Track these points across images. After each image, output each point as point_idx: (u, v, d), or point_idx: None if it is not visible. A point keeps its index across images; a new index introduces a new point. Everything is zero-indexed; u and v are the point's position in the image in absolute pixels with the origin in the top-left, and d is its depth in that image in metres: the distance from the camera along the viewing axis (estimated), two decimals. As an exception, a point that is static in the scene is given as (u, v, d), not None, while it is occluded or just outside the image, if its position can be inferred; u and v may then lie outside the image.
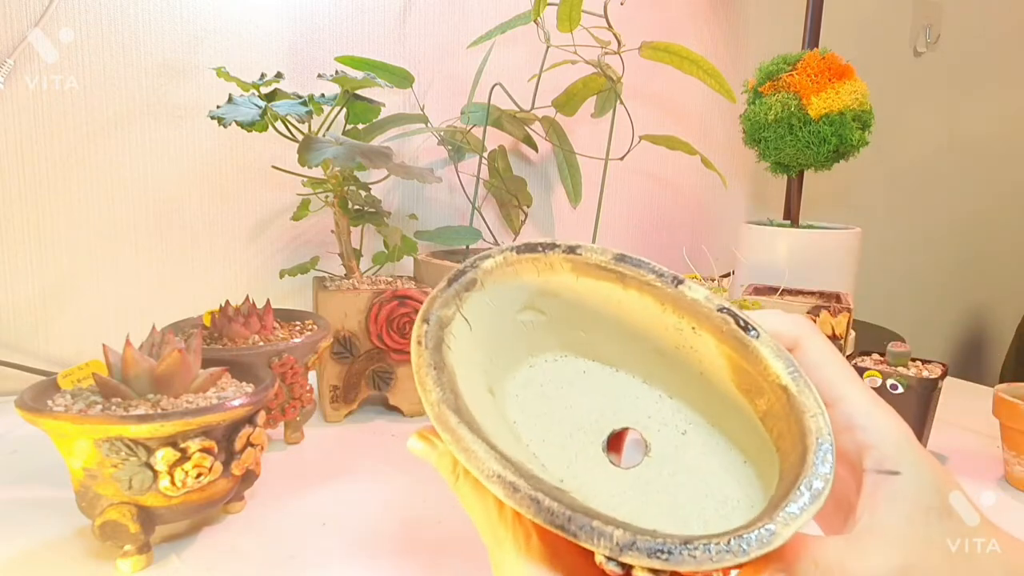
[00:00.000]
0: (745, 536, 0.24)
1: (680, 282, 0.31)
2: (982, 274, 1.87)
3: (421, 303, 0.74)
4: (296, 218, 0.80)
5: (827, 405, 0.28)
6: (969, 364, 1.91)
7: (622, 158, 0.90)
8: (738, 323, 0.30)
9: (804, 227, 1.02)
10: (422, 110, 0.89)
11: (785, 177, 1.05)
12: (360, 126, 0.79)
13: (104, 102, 0.81)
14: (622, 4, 0.88)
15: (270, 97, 0.68)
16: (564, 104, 0.93)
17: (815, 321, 0.76)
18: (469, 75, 0.90)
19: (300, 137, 0.66)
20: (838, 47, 0.98)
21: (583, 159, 1.02)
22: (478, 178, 0.88)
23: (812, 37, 1.18)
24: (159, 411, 0.46)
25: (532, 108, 0.92)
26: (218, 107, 0.65)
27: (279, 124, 0.67)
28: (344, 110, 0.74)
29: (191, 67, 0.85)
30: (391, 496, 0.58)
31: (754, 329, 0.30)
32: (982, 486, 0.65)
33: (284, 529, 0.53)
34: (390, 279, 0.80)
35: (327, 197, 0.75)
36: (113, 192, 0.83)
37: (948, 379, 0.71)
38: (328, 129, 0.72)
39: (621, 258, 0.31)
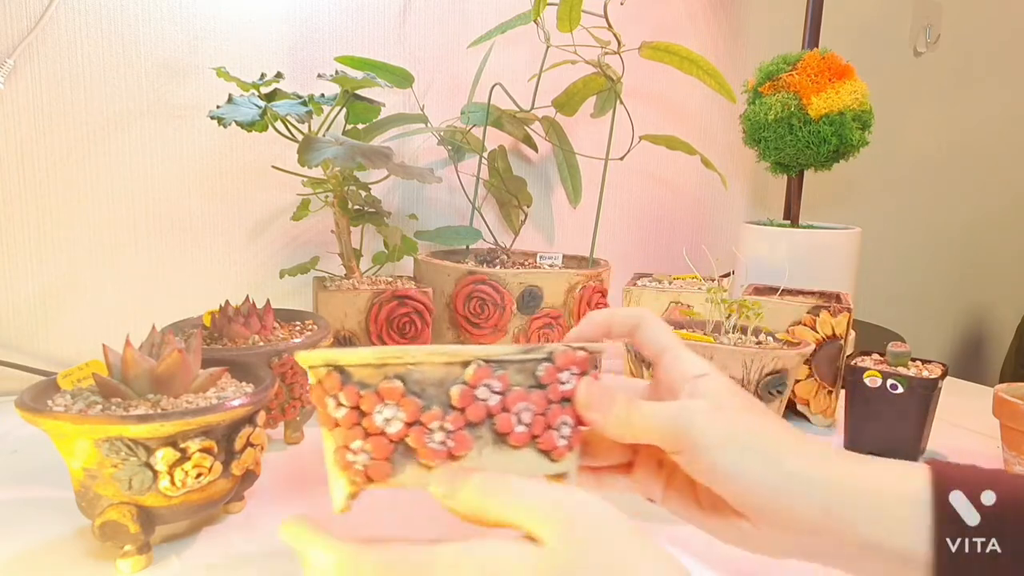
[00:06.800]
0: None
1: None
2: (982, 274, 1.87)
3: (421, 303, 0.75)
4: (296, 218, 0.80)
5: (659, 354, 0.40)
6: (969, 364, 1.91)
7: (622, 158, 0.90)
8: None
9: (804, 227, 1.02)
10: (422, 110, 0.89)
11: (785, 177, 1.05)
12: (360, 126, 0.79)
13: (104, 102, 0.81)
14: (622, 4, 0.88)
15: (270, 97, 0.68)
16: (564, 104, 0.93)
17: (815, 321, 0.76)
18: (469, 75, 0.90)
19: (300, 137, 0.66)
20: (838, 47, 0.98)
21: (583, 159, 1.02)
22: (478, 178, 0.88)
23: (812, 37, 1.18)
24: (159, 411, 0.46)
25: (532, 108, 0.92)
26: (218, 107, 0.65)
27: (279, 124, 0.67)
28: (344, 110, 0.74)
29: (191, 67, 0.85)
30: (390, 495, 0.58)
31: None
32: (982, 486, 0.65)
33: (284, 529, 0.53)
34: (390, 279, 0.80)
35: (327, 197, 0.75)
36: (113, 192, 0.83)
37: (948, 379, 0.71)
38: (328, 129, 0.72)
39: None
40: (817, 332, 0.76)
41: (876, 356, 0.74)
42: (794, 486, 0.34)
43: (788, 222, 1.06)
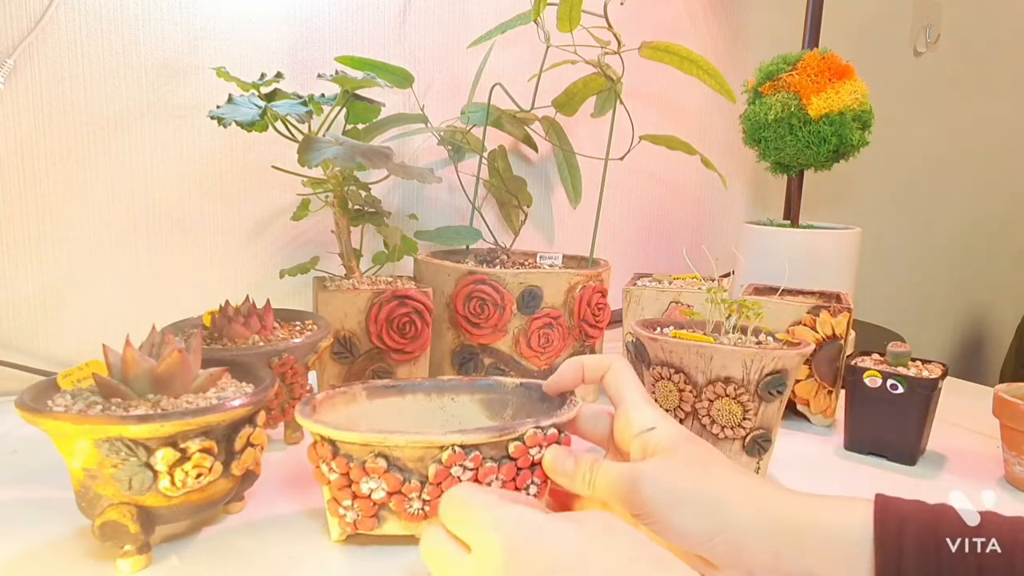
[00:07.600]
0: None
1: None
2: (982, 274, 1.87)
3: (421, 303, 0.74)
4: (296, 218, 0.80)
5: (617, 404, 0.44)
6: (969, 364, 1.91)
7: (622, 158, 0.90)
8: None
9: (804, 227, 1.02)
10: (422, 110, 0.89)
11: (785, 177, 1.05)
12: (360, 126, 0.79)
13: (104, 102, 0.81)
14: (622, 4, 0.88)
15: (270, 97, 0.68)
16: (564, 104, 0.93)
17: (815, 321, 0.76)
18: (469, 75, 0.90)
19: (300, 137, 0.66)
20: (838, 47, 0.98)
21: (583, 159, 1.02)
22: (478, 178, 0.88)
23: (812, 37, 1.18)
24: (159, 411, 0.46)
25: (532, 108, 0.92)
26: (218, 107, 0.65)
27: (279, 124, 0.67)
28: (344, 110, 0.74)
29: (191, 67, 0.85)
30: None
31: None
32: (982, 486, 0.65)
33: (284, 529, 0.53)
34: (390, 279, 0.80)
35: (327, 197, 0.75)
36: (113, 192, 0.83)
37: (948, 379, 0.71)
38: (328, 129, 0.72)
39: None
40: (817, 332, 0.76)
41: (876, 356, 0.74)
42: (742, 534, 0.37)
43: (788, 222, 1.06)
